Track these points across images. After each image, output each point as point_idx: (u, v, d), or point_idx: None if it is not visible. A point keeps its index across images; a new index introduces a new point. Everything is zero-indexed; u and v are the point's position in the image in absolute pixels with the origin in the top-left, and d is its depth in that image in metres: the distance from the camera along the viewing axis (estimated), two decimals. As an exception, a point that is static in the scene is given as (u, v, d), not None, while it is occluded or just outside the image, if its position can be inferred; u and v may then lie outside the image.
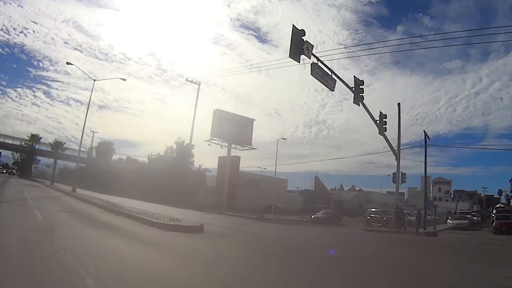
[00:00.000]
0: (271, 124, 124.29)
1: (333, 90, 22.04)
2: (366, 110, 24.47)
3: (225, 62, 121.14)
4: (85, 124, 34.51)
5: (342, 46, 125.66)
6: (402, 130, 28.08)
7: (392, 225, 26.12)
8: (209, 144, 40.98)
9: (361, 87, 23.34)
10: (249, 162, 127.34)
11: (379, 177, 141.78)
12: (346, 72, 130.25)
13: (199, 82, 44.43)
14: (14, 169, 67.10)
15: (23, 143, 70.06)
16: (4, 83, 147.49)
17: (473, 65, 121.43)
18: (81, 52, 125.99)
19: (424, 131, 33.26)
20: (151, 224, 11.34)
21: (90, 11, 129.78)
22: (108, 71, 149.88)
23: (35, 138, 69.66)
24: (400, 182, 30.18)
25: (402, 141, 29.19)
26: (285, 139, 45.14)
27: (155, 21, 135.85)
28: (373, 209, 36.91)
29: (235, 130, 41.46)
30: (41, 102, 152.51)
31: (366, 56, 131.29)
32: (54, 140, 63.31)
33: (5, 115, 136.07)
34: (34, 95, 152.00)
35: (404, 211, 28.92)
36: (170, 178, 41.69)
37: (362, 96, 23.40)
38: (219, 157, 44.02)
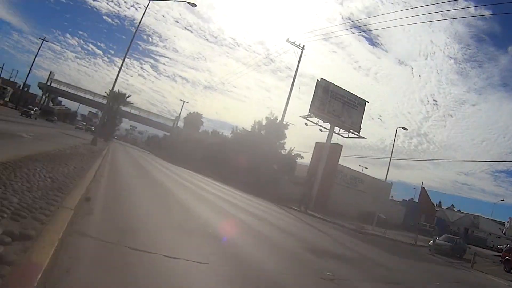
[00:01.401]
0: (373, 128, 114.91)
1: None
2: None
3: (334, 60, 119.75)
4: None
5: (452, 60, 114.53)
6: (503, 156, 16.40)
7: None
8: (305, 123, 32.32)
9: None
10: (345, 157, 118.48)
11: (471, 200, 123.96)
12: (454, 87, 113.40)
13: (303, 46, 35.78)
14: (92, 126, 66.27)
15: (103, 101, 64.08)
16: (112, 52, 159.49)
17: None
18: (191, 32, 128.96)
19: None
20: None
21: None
22: (217, 54, 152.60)
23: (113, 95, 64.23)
24: None
25: (499, 168, 17.76)
26: (407, 129, 34.50)
27: (267, 11, 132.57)
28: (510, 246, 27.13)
29: (342, 109, 32.00)
30: (148, 75, 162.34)
31: (475, 74, 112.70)
32: (109, 90, 43.42)
33: (110, 82, 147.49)
34: (141, 67, 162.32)
35: None
36: (253, 158, 34.33)
37: None
38: (316, 143, 35.06)
